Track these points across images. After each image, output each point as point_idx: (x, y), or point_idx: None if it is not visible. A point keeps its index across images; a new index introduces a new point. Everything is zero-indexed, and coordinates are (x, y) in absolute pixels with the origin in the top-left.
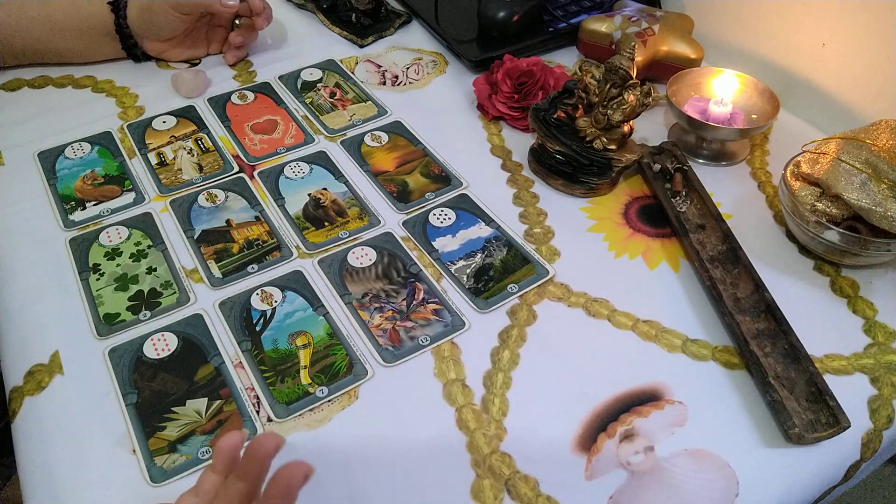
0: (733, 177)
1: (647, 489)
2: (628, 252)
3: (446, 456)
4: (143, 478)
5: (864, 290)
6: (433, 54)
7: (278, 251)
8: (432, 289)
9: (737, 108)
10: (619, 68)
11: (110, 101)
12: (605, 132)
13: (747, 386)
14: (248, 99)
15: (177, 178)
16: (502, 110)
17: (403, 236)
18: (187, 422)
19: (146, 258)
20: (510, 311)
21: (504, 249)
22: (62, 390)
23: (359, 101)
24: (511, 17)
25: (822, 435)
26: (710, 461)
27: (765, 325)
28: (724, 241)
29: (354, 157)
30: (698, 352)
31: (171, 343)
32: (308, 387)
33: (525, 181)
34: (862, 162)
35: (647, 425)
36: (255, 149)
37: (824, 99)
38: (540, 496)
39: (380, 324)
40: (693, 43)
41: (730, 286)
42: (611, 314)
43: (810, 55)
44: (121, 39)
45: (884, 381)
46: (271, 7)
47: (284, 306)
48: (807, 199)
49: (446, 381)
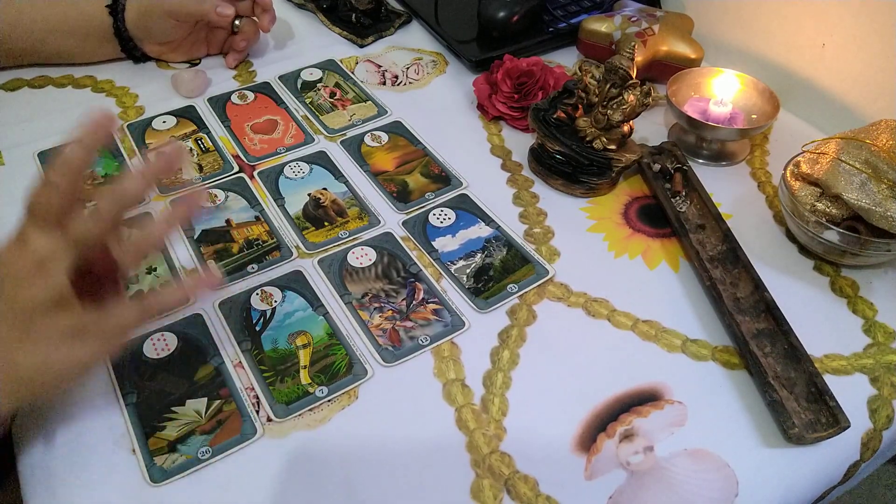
0: (733, 177)
1: (647, 489)
2: (628, 252)
3: (446, 456)
4: (143, 477)
5: (863, 290)
6: (433, 54)
7: (278, 251)
8: (432, 289)
9: (737, 108)
10: (619, 68)
11: (110, 101)
12: (605, 132)
13: (747, 386)
14: (248, 99)
15: (177, 177)
16: (502, 110)
17: (403, 236)
18: (187, 422)
19: (146, 258)
20: (510, 311)
21: (504, 249)
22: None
23: (359, 101)
24: (511, 17)
25: (822, 435)
26: (709, 461)
27: (764, 325)
28: (723, 241)
29: (354, 157)
30: (698, 352)
31: (171, 343)
32: (308, 387)
33: (525, 181)
34: (862, 162)
35: (647, 425)
36: (255, 149)
37: (824, 99)
38: (539, 496)
39: (379, 324)
40: (693, 43)
41: (730, 286)
42: (610, 314)
43: (810, 55)
44: (119, 42)
45: (883, 382)
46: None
47: (284, 306)
48: (807, 199)
49: (446, 380)
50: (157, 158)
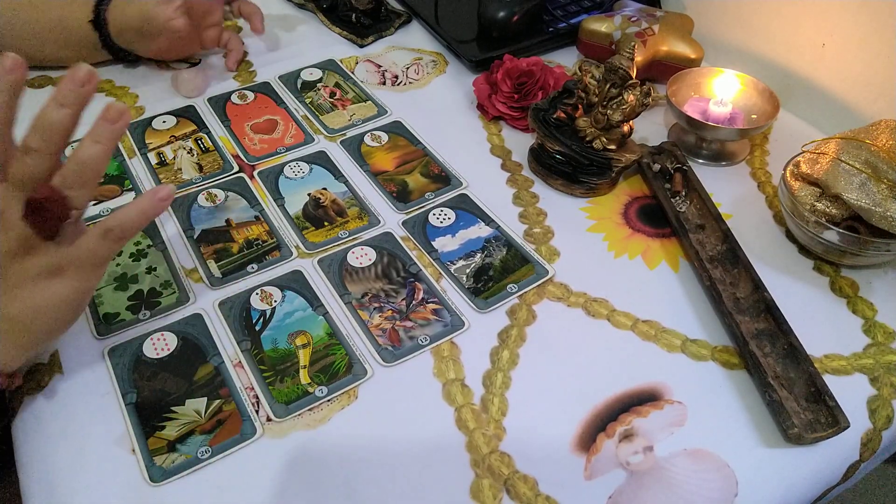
0: (733, 177)
1: (647, 489)
2: (628, 252)
3: (445, 456)
4: (143, 477)
5: (863, 290)
6: (433, 54)
7: (278, 251)
8: (432, 289)
9: (737, 108)
10: (619, 68)
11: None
12: (605, 132)
13: (747, 386)
14: (248, 99)
15: (177, 177)
16: (502, 110)
17: (403, 236)
18: (187, 421)
19: (146, 258)
20: (510, 310)
21: (504, 249)
22: (62, 390)
23: (359, 101)
24: (511, 17)
25: (822, 435)
26: (709, 461)
27: (764, 325)
28: (723, 241)
29: (354, 157)
30: (698, 352)
31: (171, 343)
32: (307, 386)
33: (525, 181)
34: (862, 162)
35: (647, 425)
36: (254, 148)
37: (824, 99)
38: (539, 496)
39: (379, 323)
40: (693, 43)
41: (729, 286)
42: (610, 314)
43: (810, 55)
44: (110, 53)
45: (883, 382)
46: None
47: (284, 306)
48: (806, 199)
49: (446, 380)
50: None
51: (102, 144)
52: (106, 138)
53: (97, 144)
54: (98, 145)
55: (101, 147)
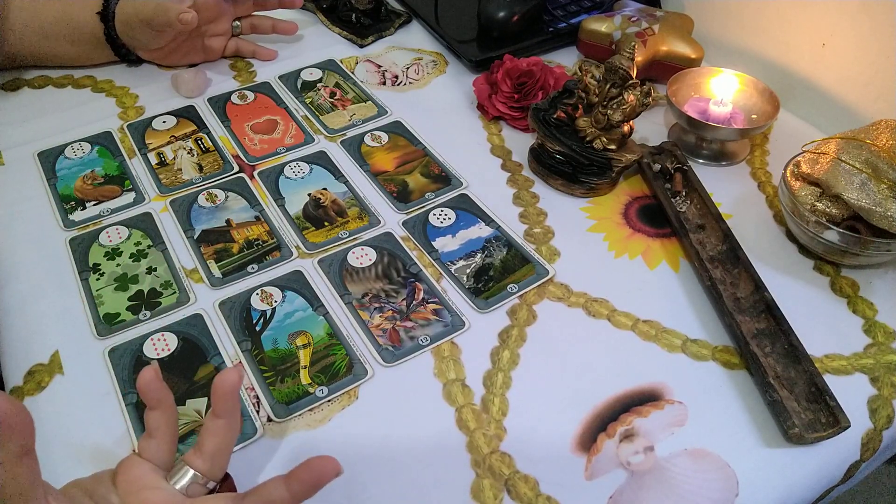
0: (733, 177)
1: (647, 489)
2: (628, 252)
3: (446, 456)
4: None
5: (863, 290)
6: (433, 54)
7: (278, 251)
8: (432, 289)
9: (737, 108)
10: (619, 68)
11: (110, 100)
12: (605, 132)
13: (747, 386)
14: (248, 99)
15: (177, 177)
16: (502, 110)
17: (403, 236)
18: (187, 421)
19: (146, 258)
20: (510, 311)
21: (504, 249)
22: (62, 390)
23: (359, 101)
24: (511, 17)
25: (822, 435)
26: (709, 461)
27: (765, 324)
28: (723, 240)
29: (354, 157)
30: (698, 352)
31: (171, 343)
32: (308, 387)
33: (525, 181)
34: (862, 162)
35: (647, 425)
36: (255, 149)
37: (824, 99)
38: (540, 496)
39: (380, 324)
40: (693, 43)
41: (730, 286)
42: (611, 314)
43: (810, 55)
44: (112, 48)
45: (884, 381)
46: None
47: (284, 306)
48: (807, 199)
49: (446, 380)
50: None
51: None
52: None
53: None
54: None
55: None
